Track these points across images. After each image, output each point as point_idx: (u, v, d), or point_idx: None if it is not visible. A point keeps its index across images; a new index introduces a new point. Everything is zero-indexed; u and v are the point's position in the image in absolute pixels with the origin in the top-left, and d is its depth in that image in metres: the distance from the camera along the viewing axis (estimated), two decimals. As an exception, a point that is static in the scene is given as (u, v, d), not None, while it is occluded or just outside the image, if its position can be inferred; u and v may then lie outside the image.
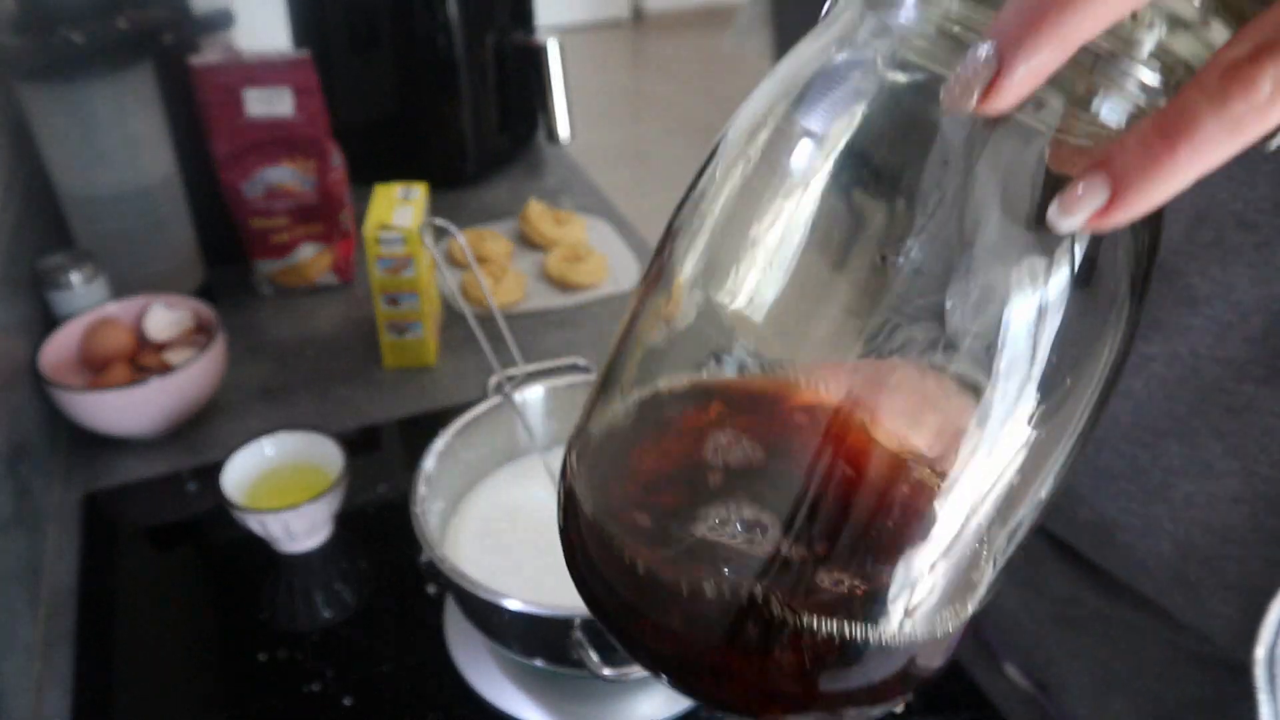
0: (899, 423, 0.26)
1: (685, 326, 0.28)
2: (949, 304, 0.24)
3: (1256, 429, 0.45)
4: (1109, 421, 0.50)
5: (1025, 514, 0.27)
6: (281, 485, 0.74)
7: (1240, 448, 0.46)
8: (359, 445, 0.85)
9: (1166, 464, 0.49)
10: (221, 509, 0.70)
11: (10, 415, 0.73)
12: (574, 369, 0.71)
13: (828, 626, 0.26)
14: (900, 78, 0.24)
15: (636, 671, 0.53)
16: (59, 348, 0.83)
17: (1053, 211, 0.22)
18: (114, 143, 0.88)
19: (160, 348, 0.87)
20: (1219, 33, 0.21)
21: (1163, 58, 0.22)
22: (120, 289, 0.91)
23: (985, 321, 0.24)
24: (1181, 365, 0.47)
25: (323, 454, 0.75)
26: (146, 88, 0.90)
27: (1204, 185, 0.43)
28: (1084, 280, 0.24)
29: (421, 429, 0.87)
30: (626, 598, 0.28)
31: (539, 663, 0.57)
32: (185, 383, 0.81)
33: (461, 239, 0.63)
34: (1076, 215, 0.22)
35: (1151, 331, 0.49)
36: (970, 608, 0.28)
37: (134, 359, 0.85)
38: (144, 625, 0.69)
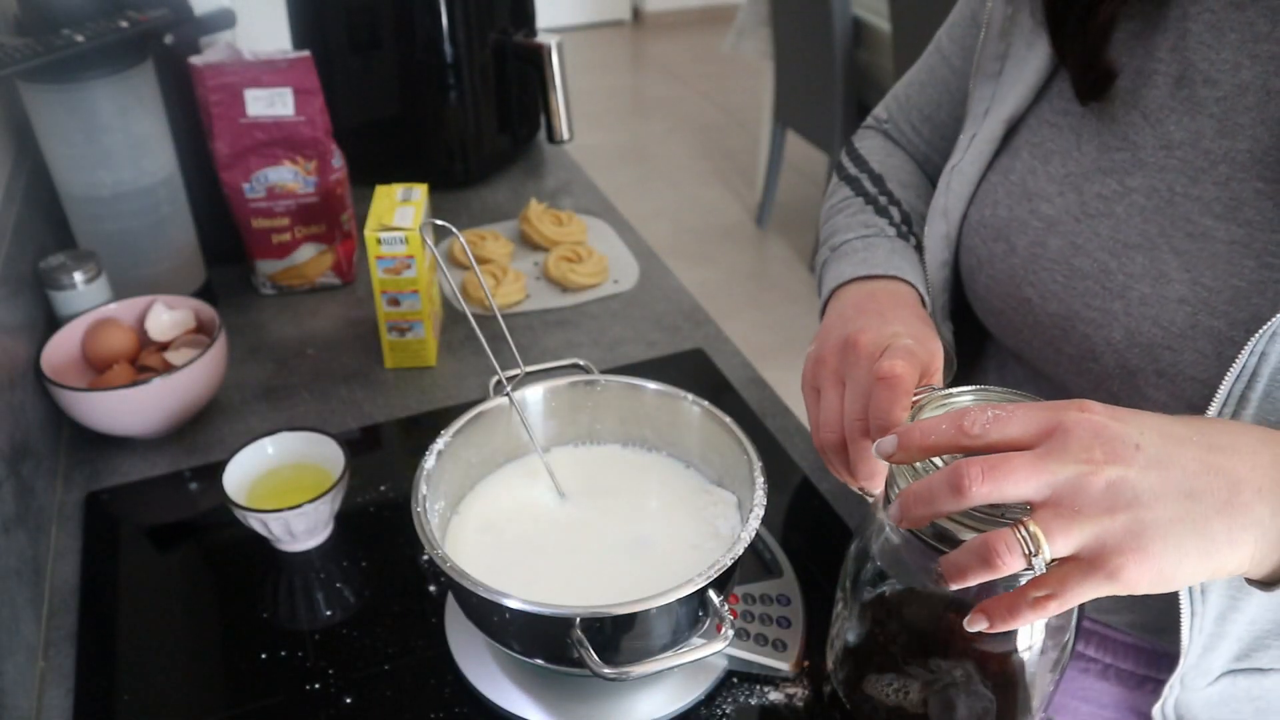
0: None
1: None
2: None
3: (1208, 251, 0.55)
4: (1089, 233, 0.60)
5: None
6: (283, 485, 0.74)
7: (1192, 264, 0.56)
8: (360, 445, 0.85)
9: (1129, 270, 0.58)
10: (223, 508, 0.71)
11: (12, 415, 0.74)
12: (574, 369, 0.71)
13: None
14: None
15: (636, 670, 0.53)
16: (61, 347, 0.83)
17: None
18: (115, 143, 0.88)
19: (162, 347, 0.87)
20: None
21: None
22: (121, 289, 0.91)
23: None
24: (1158, 198, 0.58)
25: (324, 454, 0.75)
26: (148, 88, 0.91)
27: (1184, 51, 0.58)
28: None
29: (422, 429, 0.87)
30: None
31: (539, 662, 0.57)
32: (186, 382, 0.81)
33: (462, 239, 0.63)
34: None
35: (1134, 168, 0.59)
36: None
37: (135, 359, 0.86)
38: (145, 624, 0.69)
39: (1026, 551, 0.42)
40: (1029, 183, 0.63)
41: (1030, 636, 0.52)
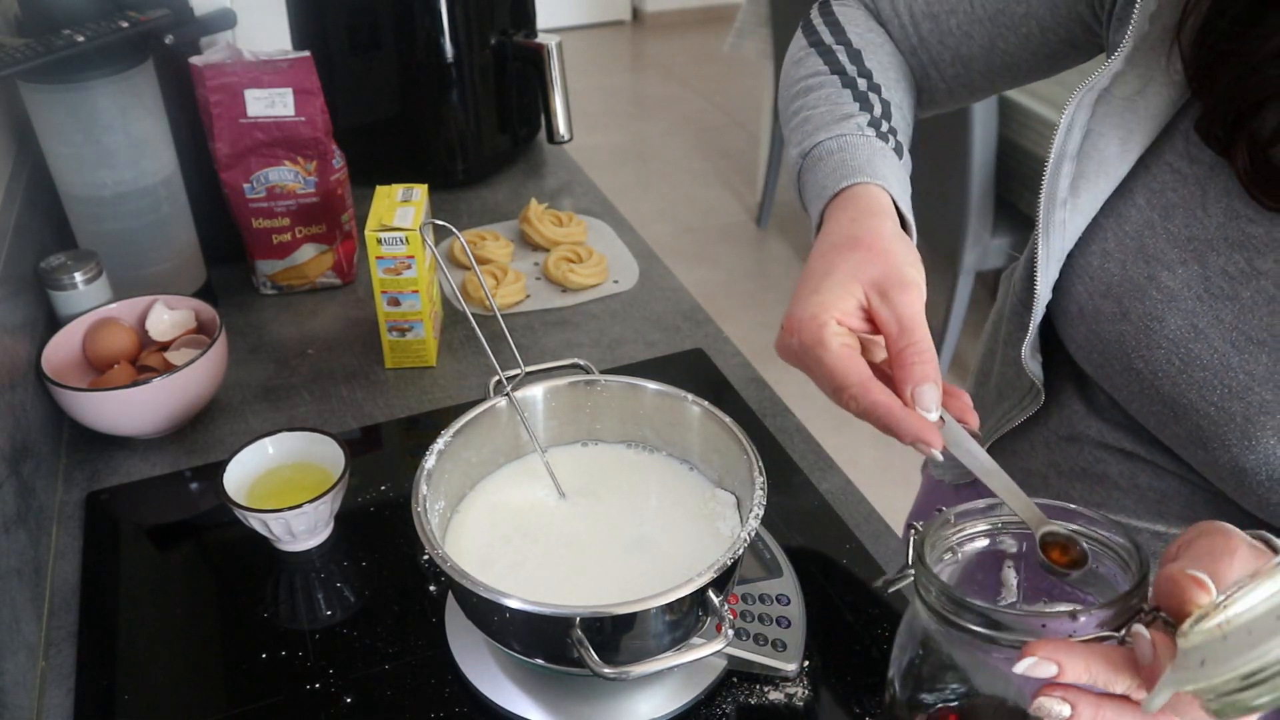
0: None
1: None
2: None
3: None
4: (1210, 317, 0.54)
5: None
6: (283, 484, 0.74)
7: None
8: (360, 445, 0.85)
9: (1251, 369, 0.53)
10: (223, 508, 0.71)
11: (13, 415, 0.74)
12: (574, 369, 0.71)
13: None
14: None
15: (636, 670, 0.53)
16: (61, 347, 0.83)
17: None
18: (116, 143, 0.88)
19: (162, 347, 0.87)
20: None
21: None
22: (122, 289, 0.91)
23: None
24: None
25: (324, 453, 0.75)
26: (148, 88, 0.91)
27: None
28: None
29: (422, 429, 0.87)
30: None
31: (539, 662, 0.58)
32: (187, 382, 0.81)
33: (462, 239, 0.63)
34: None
35: (1267, 247, 0.52)
36: None
37: (136, 359, 0.86)
38: (146, 624, 0.69)
39: None
40: (1146, 240, 0.57)
41: None
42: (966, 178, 2.07)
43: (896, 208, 0.58)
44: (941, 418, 0.50)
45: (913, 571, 0.46)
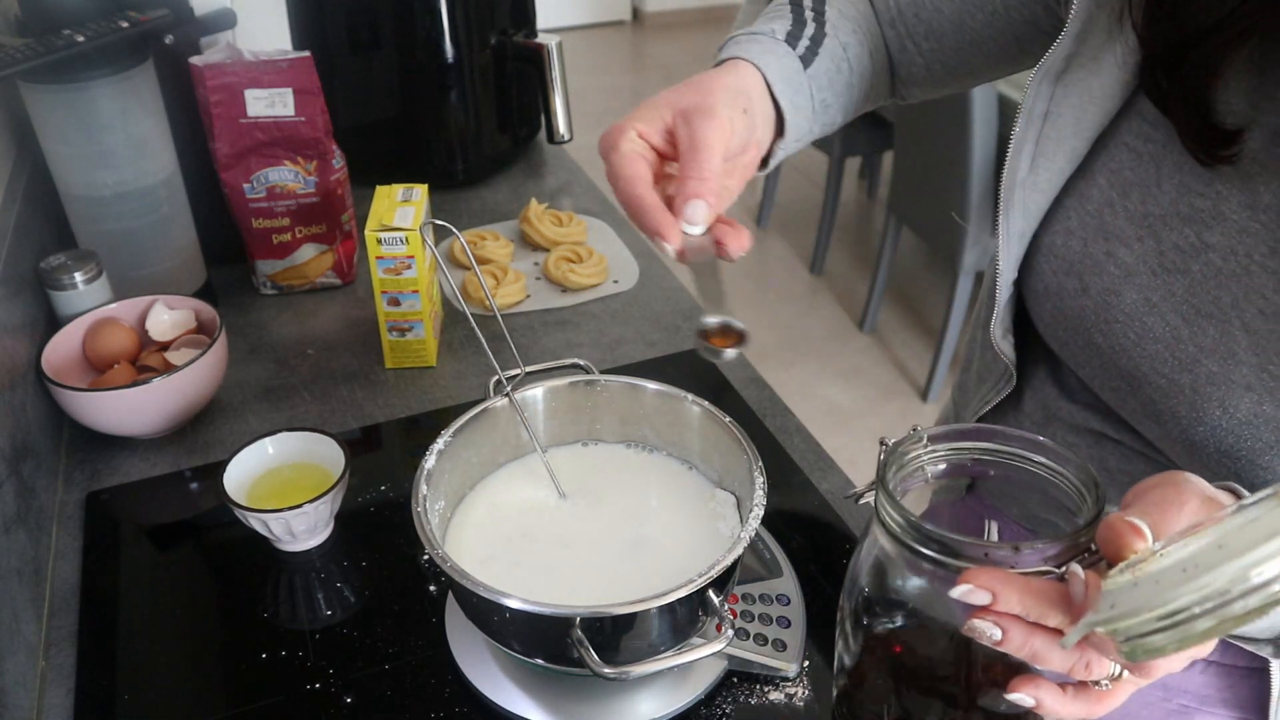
0: None
1: None
2: None
3: (1279, 334, 0.51)
4: (1164, 290, 0.56)
5: None
6: (283, 484, 0.74)
7: (1262, 346, 0.52)
8: (360, 445, 0.85)
9: (1200, 341, 0.54)
10: (223, 508, 0.71)
11: (13, 415, 0.74)
12: (574, 369, 0.71)
13: None
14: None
15: (636, 670, 0.53)
16: (62, 347, 0.83)
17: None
18: (116, 143, 0.88)
19: (162, 347, 0.87)
20: None
21: None
22: (122, 289, 0.91)
23: None
24: (1235, 262, 0.53)
25: (324, 453, 0.75)
26: (148, 88, 0.91)
27: None
28: None
29: (422, 429, 0.87)
30: None
31: (539, 662, 0.58)
32: (187, 382, 0.81)
33: (462, 239, 0.63)
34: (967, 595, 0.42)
35: (1214, 221, 0.54)
36: None
37: (136, 359, 0.86)
38: (146, 624, 0.69)
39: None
40: (1106, 218, 0.58)
41: None
42: (966, 178, 2.07)
43: (774, 97, 0.61)
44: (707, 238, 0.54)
45: None
